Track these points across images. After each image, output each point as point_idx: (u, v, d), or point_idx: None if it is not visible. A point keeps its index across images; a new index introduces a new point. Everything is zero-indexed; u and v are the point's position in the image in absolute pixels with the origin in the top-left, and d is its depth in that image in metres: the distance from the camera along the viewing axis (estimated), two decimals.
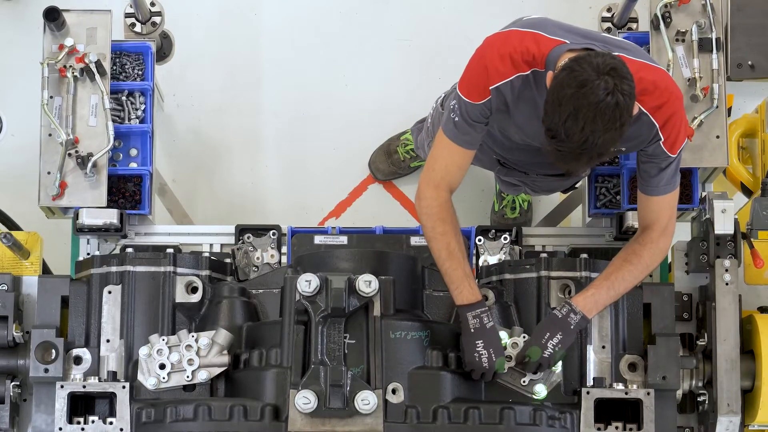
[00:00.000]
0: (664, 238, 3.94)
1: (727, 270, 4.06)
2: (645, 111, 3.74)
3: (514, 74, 3.73)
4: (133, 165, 4.57)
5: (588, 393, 3.91)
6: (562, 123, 3.50)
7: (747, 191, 4.80)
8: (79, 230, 4.37)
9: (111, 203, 4.45)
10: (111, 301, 4.05)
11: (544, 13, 5.63)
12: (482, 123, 3.84)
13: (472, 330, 3.86)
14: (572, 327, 3.86)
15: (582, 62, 3.52)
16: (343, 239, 4.41)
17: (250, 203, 5.43)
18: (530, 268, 4.06)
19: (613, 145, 3.57)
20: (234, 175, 5.45)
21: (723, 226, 4.09)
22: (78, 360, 4.02)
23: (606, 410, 3.96)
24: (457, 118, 3.82)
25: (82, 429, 3.94)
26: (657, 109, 3.75)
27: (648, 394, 3.93)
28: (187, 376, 3.92)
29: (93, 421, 3.96)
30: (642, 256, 3.91)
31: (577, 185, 4.63)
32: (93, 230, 4.38)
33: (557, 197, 5.31)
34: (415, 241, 4.42)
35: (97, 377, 3.97)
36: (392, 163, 5.29)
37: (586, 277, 4.02)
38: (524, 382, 3.92)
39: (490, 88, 3.76)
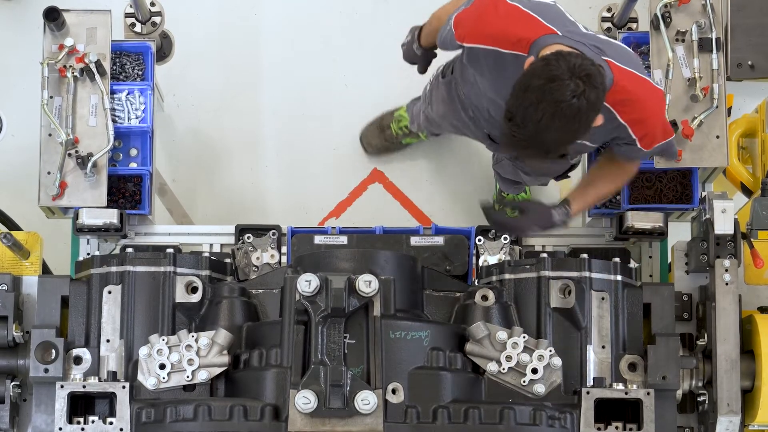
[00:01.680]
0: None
1: (727, 270, 4.06)
2: (623, 122, 3.82)
3: (491, 46, 3.81)
4: (133, 165, 4.58)
5: (588, 393, 3.91)
6: (522, 109, 3.56)
7: (747, 191, 4.80)
8: (79, 230, 4.37)
9: (111, 203, 4.45)
10: (111, 301, 4.05)
11: None
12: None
13: None
14: (555, 227, 4.15)
15: (561, 58, 3.56)
16: (343, 239, 4.41)
17: (250, 203, 5.43)
18: (530, 268, 4.06)
19: (563, 148, 3.64)
20: (234, 175, 5.45)
21: (723, 226, 4.09)
22: (78, 360, 4.03)
23: (606, 410, 3.96)
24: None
25: (82, 429, 3.94)
26: (637, 122, 3.83)
27: (648, 394, 3.93)
28: (187, 376, 3.92)
29: (93, 421, 3.96)
30: (628, 176, 4.17)
31: (569, 174, 4.64)
32: (93, 230, 4.38)
33: (558, 198, 5.30)
34: (415, 241, 4.42)
35: (97, 377, 3.97)
36: (385, 139, 5.29)
37: (586, 277, 4.02)
38: (524, 382, 3.92)
39: (465, 45, 3.91)
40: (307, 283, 3.75)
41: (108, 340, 4.03)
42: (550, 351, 3.93)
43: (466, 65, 4.07)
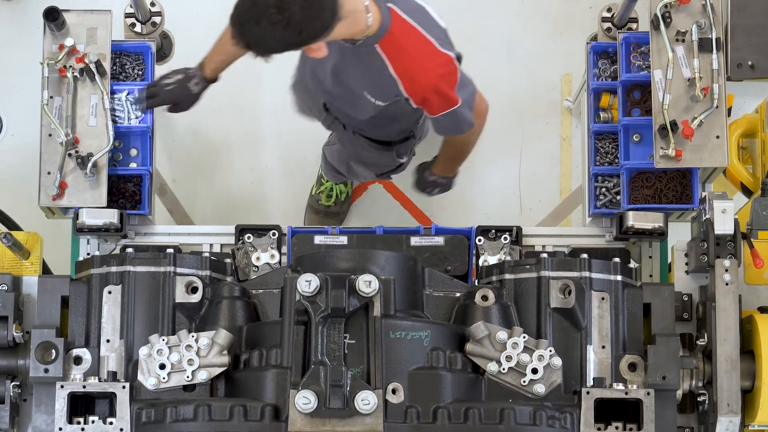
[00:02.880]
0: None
1: (727, 270, 4.06)
2: (395, 75, 3.93)
3: None
4: (133, 165, 4.58)
5: (588, 393, 3.91)
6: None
7: (747, 191, 4.80)
8: (79, 230, 4.37)
9: (111, 203, 4.45)
10: (111, 301, 4.05)
11: (545, 12, 5.68)
12: None
13: None
14: (451, 185, 4.67)
15: None
16: (343, 239, 4.41)
17: (250, 203, 5.43)
18: (530, 268, 4.06)
19: (258, 48, 3.73)
20: (234, 175, 5.45)
21: (723, 226, 4.09)
22: (78, 360, 4.02)
23: (606, 410, 3.96)
24: None
25: (82, 429, 3.94)
26: (406, 78, 3.93)
27: (648, 394, 3.93)
28: (187, 376, 3.92)
29: (93, 421, 3.96)
30: (458, 142, 4.43)
31: (392, 175, 4.85)
32: (93, 230, 4.38)
33: (558, 198, 5.32)
34: (415, 241, 4.42)
35: (97, 377, 3.97)
36: (324, 216, 5.30)
37: (586, 277, 4.02)
38: (524, 382, 3.92)
39: None
40: (308, 283, 3.75)
41: (108, 340, 4.03)
42: (550, 351, 3.93)
43: None
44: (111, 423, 3.93)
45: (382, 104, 4.12)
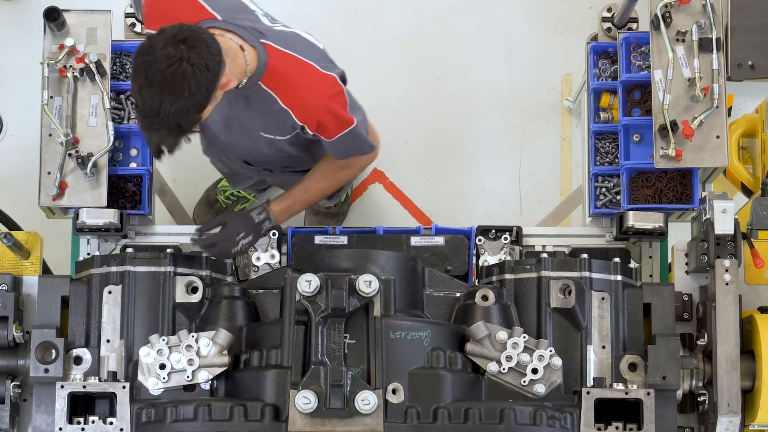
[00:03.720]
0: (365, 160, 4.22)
1: (727, 270, 4.06)
2: (285, 107, 3.90)
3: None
4: (133, 165, 4.57)
5: (588, 393, 3.91)
6: (138, 92, 3.59)
7: (747, 191, 4.80)
8: (79, 230, 4.37)
9: (111, 203, 4.44)
10: (111, 301, 4.05)
11: (545, 12, 5.68)
12: None
13: None
14: (262, 231, 4.18)
15: (162, 32, 3.59)
16: (344, 239, 4.41)
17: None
18: (530, 268, 4.06)
19: (189, 115, 3.63)
20: None
21: (723, 226, 4.09)
22: (78, 360, 4.03)
23: (606, 410, 3.96)
24: None
25: (82, 429, 3.95)
26: (297, 107, 3.90)
27: (648, 394, 3.93)
28: (188, 377, 3.92)
29: (93, 421, 3.96)
30: (339, 177, 4.20)
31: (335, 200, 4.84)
32: (93, 230, 4.38)
33: (558, 198, 5.31)
34: (415, 241, 4.42)
35: (97, 377, 3.97)
36: (215, 213, 5.25)
37: (586, 277, 4.02)
38: (524, 382, 3.92)
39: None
40: (308, 283, 3.75)
41: (108, 340, 4.03)
42: (551, 351, 3.93)
43: None
44: (111, 423, 3.93)
45: (282, 138, 4.08)
